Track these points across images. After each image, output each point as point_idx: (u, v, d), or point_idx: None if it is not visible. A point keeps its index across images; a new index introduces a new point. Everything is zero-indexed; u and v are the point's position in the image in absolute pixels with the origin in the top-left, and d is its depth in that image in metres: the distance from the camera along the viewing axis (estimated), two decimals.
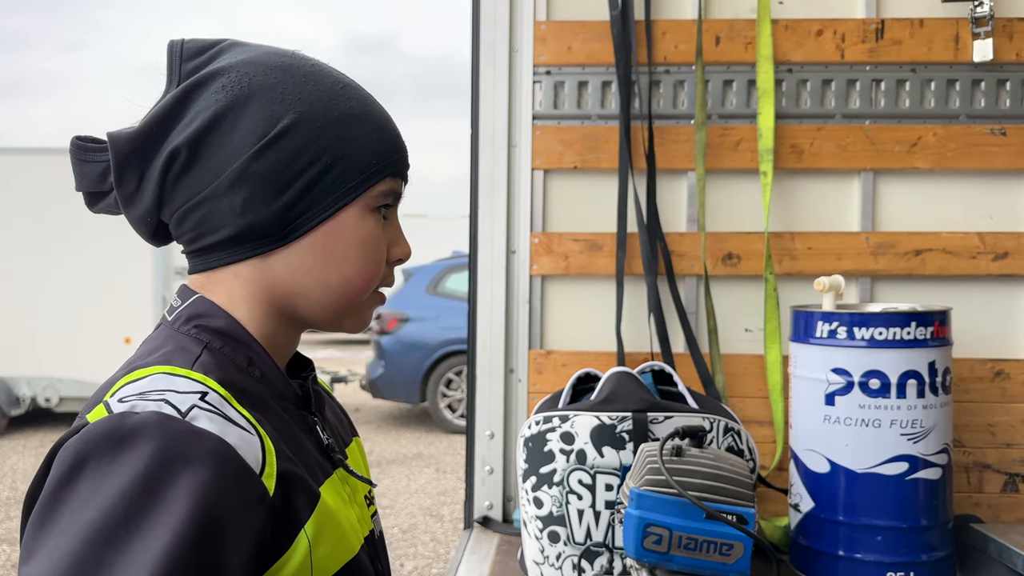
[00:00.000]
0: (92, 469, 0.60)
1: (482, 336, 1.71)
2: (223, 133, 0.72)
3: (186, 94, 0.73)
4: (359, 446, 0.93)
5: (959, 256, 1.63)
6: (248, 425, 0.67)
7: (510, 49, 1.70)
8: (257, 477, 0.65)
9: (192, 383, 0.67)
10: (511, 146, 1.70)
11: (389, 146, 0.78)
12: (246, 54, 0.76)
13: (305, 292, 0.76)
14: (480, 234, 1.71)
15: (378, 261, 0.78)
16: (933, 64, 1.64)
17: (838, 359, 1.34)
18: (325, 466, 0.77)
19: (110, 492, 0.59)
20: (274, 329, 0.77)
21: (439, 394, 7.69)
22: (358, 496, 0.83)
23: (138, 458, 0.60)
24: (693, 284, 1.69)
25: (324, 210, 0.74)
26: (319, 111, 0.74)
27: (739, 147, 1.66)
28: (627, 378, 1.33)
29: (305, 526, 0.70)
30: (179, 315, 0.75)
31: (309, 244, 0.75)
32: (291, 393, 0.78)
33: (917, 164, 1.64)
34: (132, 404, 0.64)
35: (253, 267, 0.75)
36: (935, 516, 1.33)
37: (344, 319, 0.79)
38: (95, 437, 0.62)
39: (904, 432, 1.31)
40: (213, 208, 0.73)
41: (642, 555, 1.00)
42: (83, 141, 0.76)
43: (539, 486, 1.29)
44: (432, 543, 4.89)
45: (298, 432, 0.76)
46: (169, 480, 0.60)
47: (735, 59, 1.66)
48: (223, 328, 0.74)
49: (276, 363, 0.76)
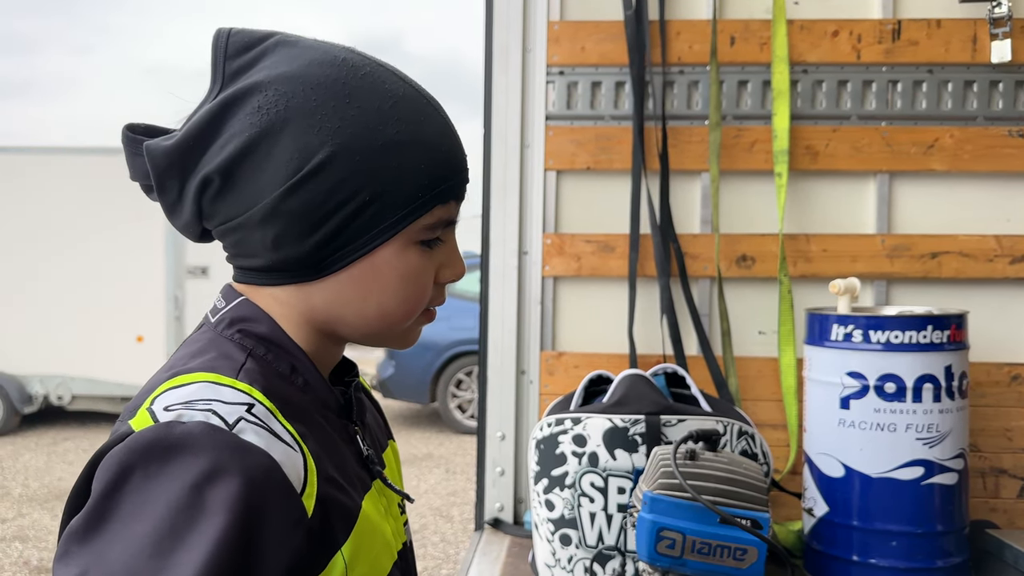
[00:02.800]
0: (139, 479, 0.60)
1: (494, 337, 1.71)
2: (256, 163, 0.68)
3: (222, 110, 0.69)
4: (394, 451, 0.91)
5: (976, 259, 1.61)
6: (292, 441, 0.66)
7: (523, 49, 1.69)
8: (298, 497, 0.64)
9: (239, 394, 0.66)
10: (524, 147, 1.70)
11: (441, 172, 0.71)
12: (289, 64, 0.70)
13: (343, 320, 0.74)
14: (492, 235, 1.70)
15: (420, 293, 0.74)
16: (950, 65, 1.62)
17: (853, 362, 1.33)
18: (364, 479, 0.76)
19: (157, 504, 0.58)
20: (316, 343, 0.75)
21: (449, 394, 7.69)
22: (393, 507, 0.81)
23: (185, 470, 0.59)
24: (706, 286, 1.68)
25: (361, 248, 0.70)
26: (360, 141, 0.68)
27: (754, 148, 1.65)
28: (640, 380, 1.32)
29: (342, 548, 0.68)
30: (222, 318, 0.73)
31: (346, 278, 0.71)
32: (334, 402, 0.76)
33: (934, 166, 1.63)
34: (179, 413, 0.62)
35: (291, 293, 0.73)
36: (951, 522, 1.32)
37: (389, 341, 0.77)
38: (141, 447, 0.61)
39: (920, 437, 1.30)
40: (246, 237, 0.70)
41: (655, 559, 1.00)
42: (135, 132, 0.72)
43: (551, 488, 1.29)
44: (442, 544, 4.88)
45: (340, 444, 0.74)
46: (215, 494, 0.59)
47: (750, 60, 1.65)
48: (267, 334, 0.72)
49: (319, 371, 0.74)
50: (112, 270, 7.12)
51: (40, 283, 7.25)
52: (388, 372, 7.75)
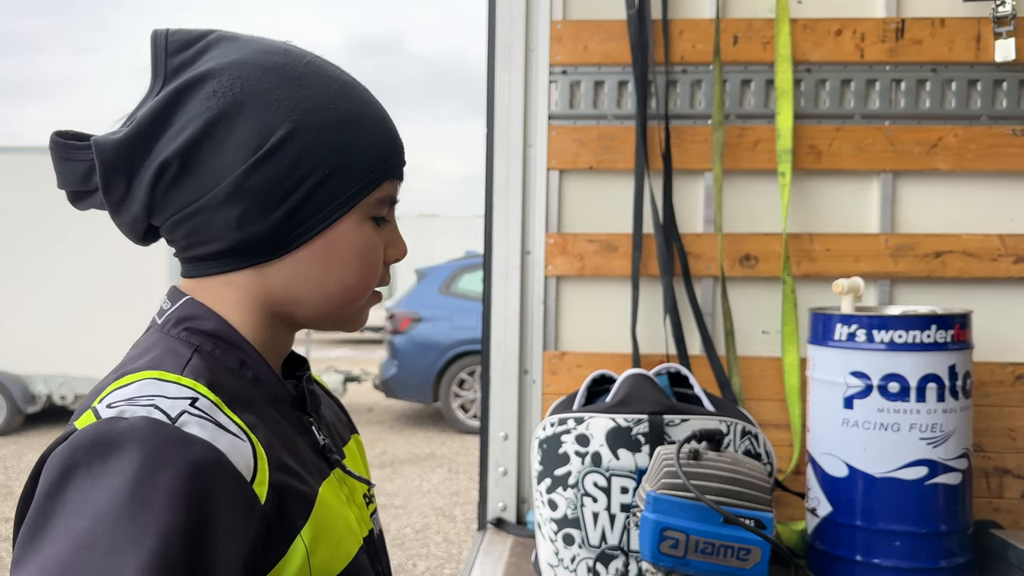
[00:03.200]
0: (81, 477, 0.60)
1: (496, 337, 1.71)
2: (215, 144, 0.69)
3: (174, 98, 0.70)
4: (358, 444, 0.93)
5: (980, 258, 1.61)
6: (239, 431, 0.67)
7: (526, 49, 1.69)
8: (248, 484, 0.64)
9: (182, 388, 0.66)
10: (526, 146, 1.70)
11: (387, 149, 0.76)
12: (237, 52, 0.72)
13: (303, 300, 0.75)
14: (495, 234, 1.70)
15: (375, 267, 0.77)
16: (954, 64, 1.62)
17: (857, 362, 1.33)
18: (322, 467, 0.77)
19: (99, 499, 0.58)
20: (268, 332, 0.76)
21: (452, 394, 7.69)
22: (356, 496, 0.82)
23: (127, 464, 0.59)
24: (710, 285, 1.67)
25: (321, 221, 0.72)
26: (316, 118, 0.71)
27: (757, 147, 1.65)
28: (643, 380, 1.32)
29: (301, 532, 0.69)
30: (169, 317, 0.74)
31: (306, 255, 0.73)
32: (285, 394, 0.77)
33: (937, 165, 1.62)
34: (121, 409, 0.63)
35: (248, 276, 0.74)
36: (954, 522, 1.32)
37: (343, 322, 0.79)
38: (83, 444, 0.61)
39: (923, 436, 1.30)
40: (206, 220, 0.70)
41: (658, 559, 0.99)
42: (64, 138, 0.72)
43: (554, 488, 1.29)
44: (444, 543, 4.88)
45: (293, 434, 0.75)
46: (158, 486, 0.59)
47: (753, 59, 1.65)
48: (214, 330, 0.73)
49: (270, 365, 0.75)
50: (115, 270, 7.13)
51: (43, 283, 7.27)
52: (391, 372, 7.75)
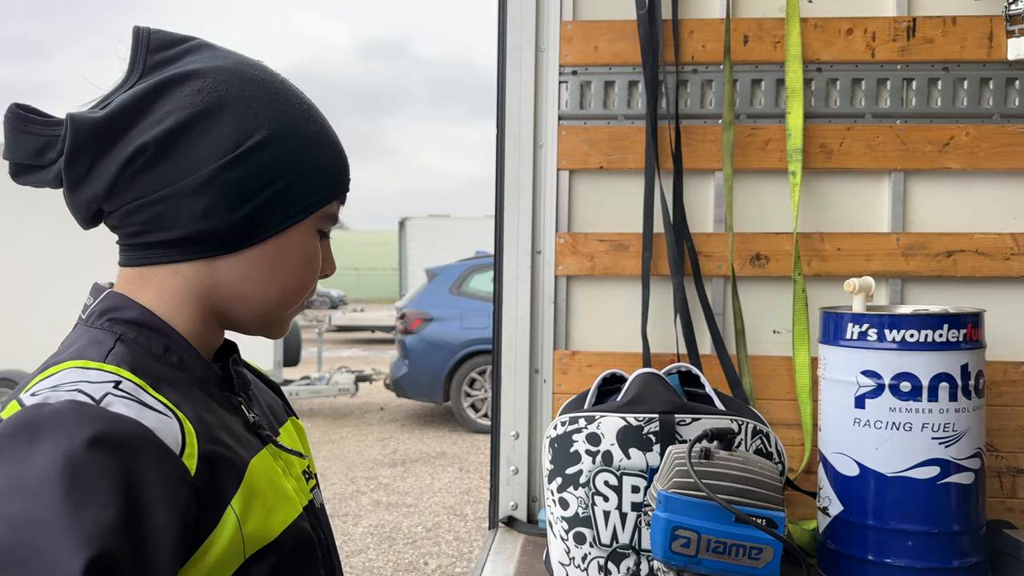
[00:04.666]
0: (7, 463, 0.60)
1: (507, 336, 1.71)
2: (195, 136, 0.73)
3: (156, 89, 0.74)
4: (296, 425, 0.96)
5: (992, 257, 1.60)
6: (165, 409, 0.69)
7: (536, 49, 1.70)
8: (177, 457, 0.67)
9: (105, 374, 0.69)
10: (537, 146, 1.70)
11: (339, 170, 0.82)
12: (221, 60, 0.77)
13: (244, 297, 0.79)
14: (506, 234, 1.71)
15: (313, 276, 0.83)
16: (966, 63, 1.61)
17: (868, 361, 1.33)
18: (253, 443, 0.79)
19: (30, 481, 0.59)
20: (201, 326, 0.79)
21: (462, 393, 7.70)
22: (294, 470, 0.85)
23: (55, 444, 0.61)
24: (720, 285, 1.68)
25: (279, 224, 0.78)
26: (288, 130, 0.77)
27: (767, 147, 1.65)
28: (654, 379, 1.32)
29: (231, 502, 0.71)
30: (92, 311, 0.77)
31: (258, 254, 0.78)
32: (212, 376, 0.80)
33: (949, 164, 1.62)
34: (45, 396, 0.65)
35: (198, 268, 0.77)
36: (967, 521, 1.31)
37: (271, 327, 0.84)
38: (9, 431, 0.62)
39: (936, 436, 1.29)
40: (172, 208, 0.74)
41: (670, 558, 1.00)
42: (24, 110, 0.74)
43: (565, 487, 1.29)
44: (456, 542, 4.89)
45: (222, 412, 0.78)
46: (88, 463, 0.60)
47: (764, 58, 1.65)
48: (136, 319, 0.76)
49: (195, 349, 0.78)
50: None
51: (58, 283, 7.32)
52: (402, 371, 7.77)
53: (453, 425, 7.93)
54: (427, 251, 15.08)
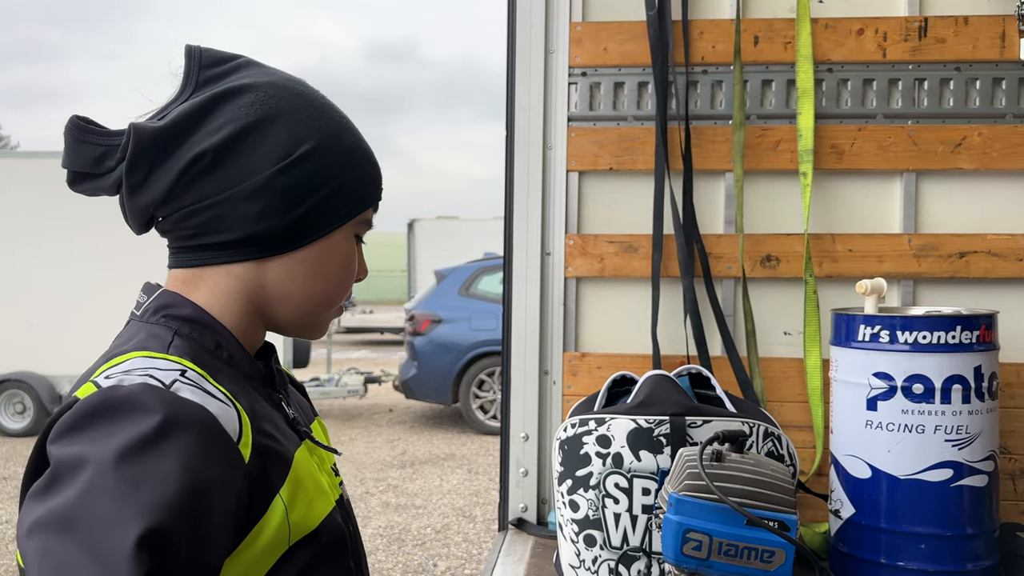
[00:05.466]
0: (85, 439, 0.66)
1: (517, 338, 1.71)
2: (250, 145, 0.79)
3: (212, 101, 0.80)
4: (321, 425, 1.02)
5: (1005, 258, 1.59)
6: (225, 399, 0.74)
7: (545, 51, 1.70)
8: (235, 445, 0.72)
9: (171, 363, 0.74)
10: (546, 148, 1.70)
11: (375, 179, 0.89)
12: (269, 76, 0.84)
13: (290, 297, 0.85)
14: (515, 236, 1.70)
15: (351, 278, 0.89)
16: (978, 62, 1.60)
17: (880, 363, 1.32)
18: (293, 438, 0.85)
19: (104, 455, 0.64)
20: (246, 324, 0.84)
21: (471, 395, 7.70)
22: (325, 465, 0.91)
23: (129, 423, 0.66)
24: (731, 286, 1.67)
25: (324, 228, 0.84)
26: (332, 141, 0.84)
27: (778, 148, 1.64)
28: (664, 381, 1.32)
29: (280, 491, 0.76)
30: (147, 308, 0.82)
31: (304, 256, 0.84)
32: (257, 373, 0.85)
33: (961, 165, 1.61)
34: (119, 379, 0.70)
35: (248, 268, 0.83)
36: (980, 524, 1.30)
37: (312, 327, 0.89)
38: (88, 409, 0.68)
39: (949, 438, 1.28)
40: (228, 211, 0.79)
41: (681, 561, 0.99)
42: (84, 122, 0.80)
43: (575, 489, 1.29)
44: (465, 544, 4.89)
45: (267, 407, 0.83)
46: (157, 442, 0.66)
47: (774, 59, 1.64)
48: (190, 315, 0.81)
49: (242, 346, 0.83)
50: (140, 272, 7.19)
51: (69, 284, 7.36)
52: (411, 373, 7.78)
53: (462, 427, 7.93)
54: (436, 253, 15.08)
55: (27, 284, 7.42)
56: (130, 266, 7.24)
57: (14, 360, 7.50)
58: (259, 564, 0.74)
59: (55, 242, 7.39)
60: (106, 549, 0.60)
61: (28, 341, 7.45)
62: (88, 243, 7.30)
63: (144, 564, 0.60)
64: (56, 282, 7.38)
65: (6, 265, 7.47)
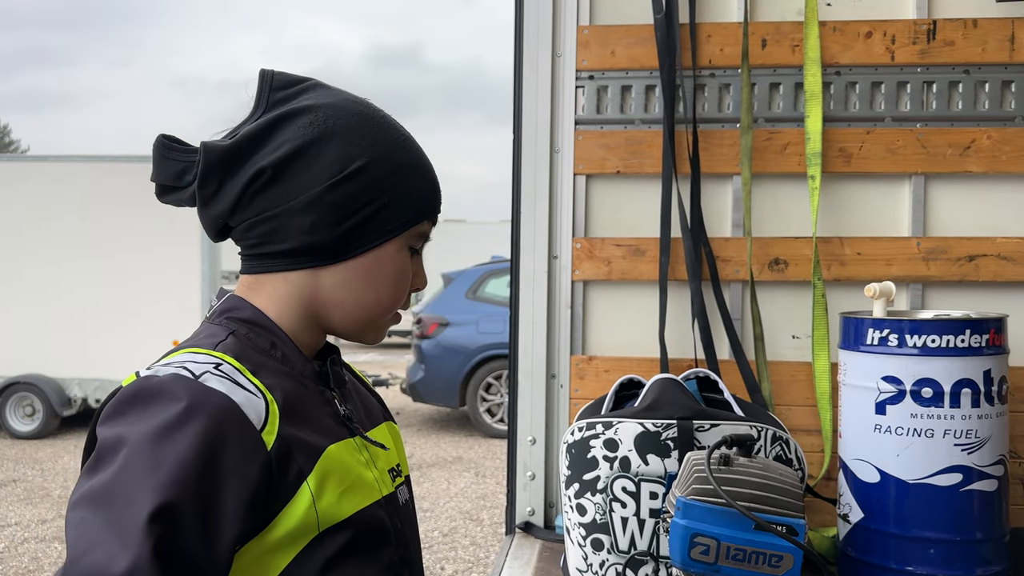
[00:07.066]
0: (124, 422, 0.76)
1: (524, 341, 1.71)
2: (306, 162, 0.86)
3: (275, 122, 0.87)
4: (392, 429, 1.05)
5: (1015, 262, 1.58)
6: (255, 390, 0.81)
7: (553, 54, 1.70)
8: (257, 432, 0.78)
9: (210, 357, 0.82)
10: (553, 151, 1.70)
11: (431, 195, 0.93)
12: (330, 97, 0.90)
13: (343, 304, 0.90)
14: (523, 239, 1.71)
15: (404, 288, 0.93)
16: (987, 65, 1.60)
17: (889, 367, 1.31)
18: (340, 431, 0.89)
19: (134, 437, 0.74)
20: (302, 327, 0.91)
21: (478, 398, 7.70)
22: (379, 463, 0.94)
23: (157, 408, 0.76)
24: (739, 290, 1.67)
25: (375, 239, 0.89)
26: (384, 159, 0.89)
27: (786, 151, 1.64)
28: (672, 385, 1.32)
29: (307, 479, 0.81)
30: (215, 310, 0.91)
31: (356, 266, 0.89)
32: (310, 371, 0.91)
33: (970, 168, 1.60)
34: (155, 370, 0.80)
35: (304, 276, 0.89)
36: (990, 529, 1.30)
37: (367, 332, 0.94)
38: (126, 396, 0.78)
39: (958, 442, 1.28)
40: (284, 223, 0.86)
41: (689, 565, 0.99)
42: (169, 140, 0.88)
43: (582, 493, 1.29)
44: (472, 547, 4.89)
45: (315, 402, 0.89)
46: (182, 425, 0.74)
47: (782, 62, 1.64)
48: (249, 317, 0.88)
49: (296, 346, 0.89)
50: (149, 275, 7.23)
51: (78, 288, 7.39)
52: (418, 376, 7.78)
53: (469, 430, 7.93)
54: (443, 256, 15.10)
55: (36, 287, 7.46)
56: (138, 270, 7.29)
57: (23, 362, 7.54)
58: (288, 545, 0.80)
59: (63, 246, 7.43)
60: (124, 522, 0.69)
61: (37, 343, 7.49)
62: (97, 247, 7.33)
63: (154, 535, 0.69)
64: (65, 285, 7.41)
65: (15, 267, 7.51)
